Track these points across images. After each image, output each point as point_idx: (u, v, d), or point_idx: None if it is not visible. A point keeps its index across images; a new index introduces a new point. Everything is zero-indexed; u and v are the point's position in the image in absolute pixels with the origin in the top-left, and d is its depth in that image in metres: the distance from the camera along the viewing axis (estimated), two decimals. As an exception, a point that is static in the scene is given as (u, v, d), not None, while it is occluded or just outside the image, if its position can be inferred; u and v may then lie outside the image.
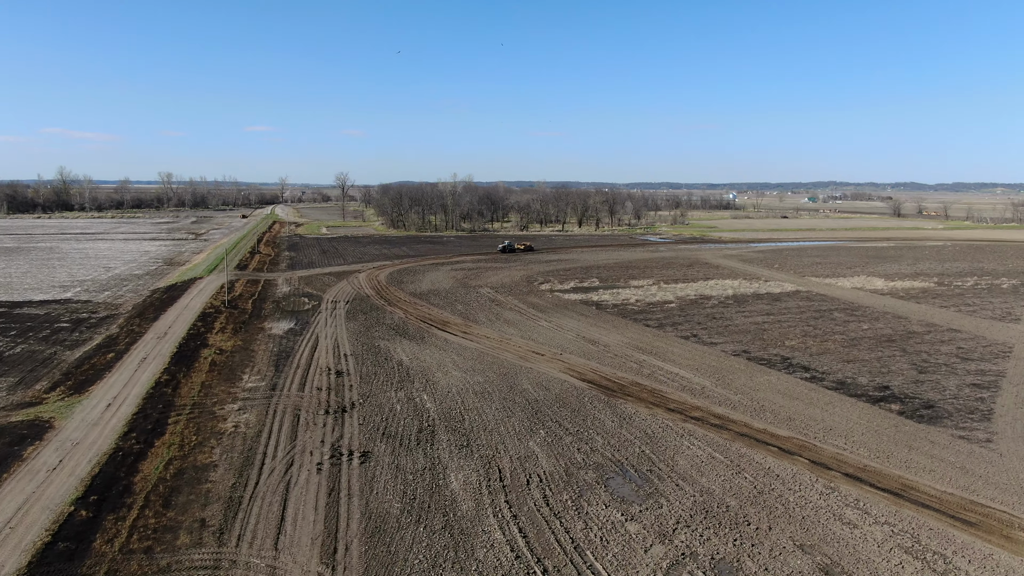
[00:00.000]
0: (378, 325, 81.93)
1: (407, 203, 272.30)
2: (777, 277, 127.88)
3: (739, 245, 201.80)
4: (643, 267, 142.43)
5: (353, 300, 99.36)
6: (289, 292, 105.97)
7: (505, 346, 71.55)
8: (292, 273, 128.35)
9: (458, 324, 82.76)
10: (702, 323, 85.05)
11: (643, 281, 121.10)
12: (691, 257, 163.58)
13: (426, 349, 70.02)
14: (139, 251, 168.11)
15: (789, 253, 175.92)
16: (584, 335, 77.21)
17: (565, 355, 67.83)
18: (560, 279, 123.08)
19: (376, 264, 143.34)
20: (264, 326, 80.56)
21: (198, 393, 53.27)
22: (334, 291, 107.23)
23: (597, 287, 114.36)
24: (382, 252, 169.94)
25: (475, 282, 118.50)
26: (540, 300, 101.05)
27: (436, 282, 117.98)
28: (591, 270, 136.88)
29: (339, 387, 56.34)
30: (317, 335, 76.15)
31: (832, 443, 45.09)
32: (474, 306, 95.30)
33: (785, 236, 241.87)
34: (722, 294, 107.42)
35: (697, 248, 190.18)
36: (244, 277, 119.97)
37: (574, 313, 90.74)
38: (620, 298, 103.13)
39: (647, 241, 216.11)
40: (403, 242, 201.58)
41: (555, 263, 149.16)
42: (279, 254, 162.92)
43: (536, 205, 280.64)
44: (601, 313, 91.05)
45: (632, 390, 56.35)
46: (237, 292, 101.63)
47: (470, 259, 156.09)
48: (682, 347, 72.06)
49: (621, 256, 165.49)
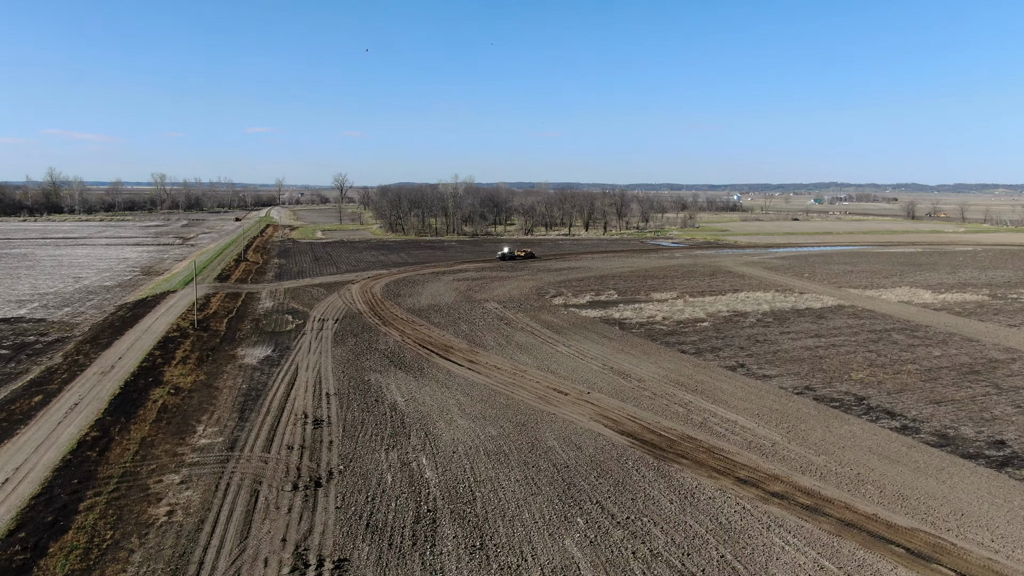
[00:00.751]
0: (370, 351, 70.27)
1: (406, 206, 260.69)
2: (812, 288, 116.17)
3: (758, 251, 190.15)
4: (662, 276, 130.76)
5: (343, 318, 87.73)
6: (272, 308, 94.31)
7: (520, 380, 59.87)
8: (279, 284, 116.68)
9: (463, 350, 71.11)
10: (745, 348, 73.38)
11: (666, 294, 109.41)
12: (711, 265, 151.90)
13: (426, 385, 58.34)
14: (118, 258, 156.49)
15: (815, 260, 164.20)
16: (612, 365, 65.52)
17: (593, 394, 56.15)
18: (574, 291, 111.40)
19: (372, 273, 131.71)
20: (237, 353, 68.87)
21: (133, 457, 41.58)
22: (323, 307, 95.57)
23: (616, 301, 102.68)
24: (379, 259, 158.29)
25: (480, 295, 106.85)
26: (554, 318, 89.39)
27: (437, 295, 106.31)
28: (606, 280, 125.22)
29: (315, 444, 44.66)
30: (297, 365, 64.49)
31: (974, 538, 33.42)
32: (480, 326, 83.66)
33: (803, 240, 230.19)
34: (757, 310, 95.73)
35: (715, 254, 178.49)
36: (224, 290, 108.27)
37: (595, 335, 79.05)
38: (644, 315, 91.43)
39: (660, 246, 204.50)
40: (401, 247, 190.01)
41: (566, 272, 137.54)
42: (268, 262, 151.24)
43: (541, 207, 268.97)
44: (626, 335, 79.38)
45: (685, 447, 44.67)
46: (212, 309, 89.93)
47: (473, 267, 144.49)
48: (731, 381, 60.36)
49: (636, 263, 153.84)
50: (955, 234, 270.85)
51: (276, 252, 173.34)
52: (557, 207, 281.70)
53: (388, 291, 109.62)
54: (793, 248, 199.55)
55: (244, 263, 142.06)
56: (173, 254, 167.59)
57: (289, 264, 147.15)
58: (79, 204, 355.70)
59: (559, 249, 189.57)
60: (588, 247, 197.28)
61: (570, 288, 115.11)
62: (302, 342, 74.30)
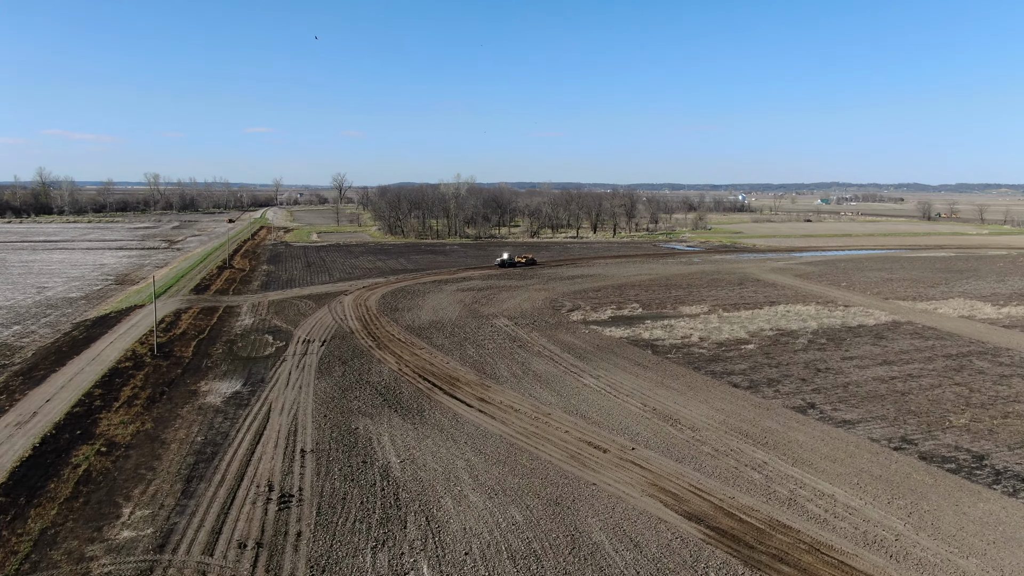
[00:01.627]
0: (360, 385, 58.56)
1: (406, 207, 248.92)
2: (857, 300, 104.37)
3: (781, 255, 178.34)
4: (687, 286, 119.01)
5: (332, 339, 76.06)
6: (252, 326, 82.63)
7: (545, 429, 48.18)
8: (263, 296, 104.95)
9: (471, 383, 59.38)
10: (807, 379, 61.63)
11: (696, 307, 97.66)
12: (736, 271, 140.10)
13: (427, 436, 46.64)
14: (94, 264, 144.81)
15: (845, 265, 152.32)
16: (654, 405, 53.80)
17: (640, 450, 44.43)
18: (592, 304, 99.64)
19: (368, 282, 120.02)
20: (199, 388, 57.17)
21: (19, 567, 29.82)
22: (310, 324, 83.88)
23: (642, 316, 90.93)
24: (376, 266, 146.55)
25: (487, 309, 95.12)
26: (575, 338, 77.67)
27: (439, 309, 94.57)
28: (626, 291, 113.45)
29: (277, 539, 32.94)
30: (270, 405, 52.81)
31: None
32: (490, 349, 71.93)
33: (823, 244, 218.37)
34: (805, 328, 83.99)
35: (736, 259, 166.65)
36: (199, 304, 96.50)
37: (626, 361, 67.31)
38: (678, 334, 79.70)
39: (674, 250, 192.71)
40: (401, 251, 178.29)
41: (579, 280, 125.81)
42: (255, 268, 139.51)
43: (546, 208, 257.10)
44: (662, 361, 67.64)
45: (780, 544, 32.92)
46: (180, 328, 78.17)
47: (478, 274, 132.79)
48: (806, 430, 48.63)
49: (654, 270, 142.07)
50: (979, 236, 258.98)
51: (266, 257, 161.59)
52: (563, 208, 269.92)
53: (385, 304, 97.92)
54: (817, 252, 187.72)
55: (228, 271, 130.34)
56: (156, 259, 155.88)
57: (278, 272, 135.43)
58: (68, 205, 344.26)
59: (568, 253, 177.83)
60: (599, 251, 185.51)
61: (587, 300, 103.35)
62: (280, 372, 62.58)
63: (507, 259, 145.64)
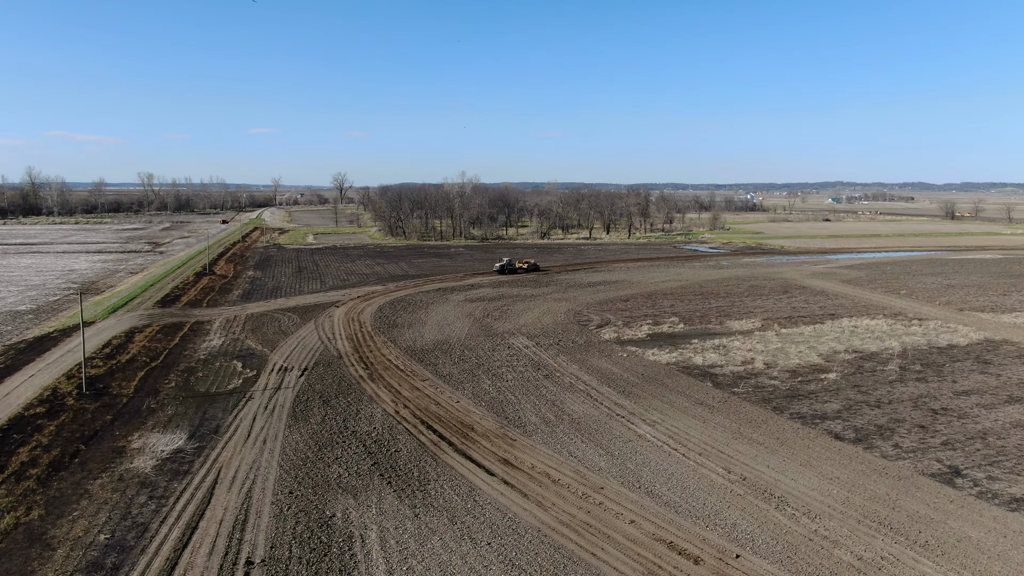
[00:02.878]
0: (343, 438, 44.47)
1: (408, 206, 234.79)
2: (929, 312, 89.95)
3: (815, 258, 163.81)
4: (725, 294, 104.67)
5: (315, 366, 61.99)
6: (219, 349, 68.57)
7: (599, 517, 33.97)
8: (242, 308, 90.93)
9: (490, 434, 45.22)
10: (927, 426, 47.31)
11: (745, 321, 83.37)
12: (774, 277, 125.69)
13: (433, 532, 32.50)
14: (63, 270, 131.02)
15: (892, 270, 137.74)
16: (740, 470, 39.57)
17: (746, 558, 30.21)
18: (624, 317, 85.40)
19: (364, 291, 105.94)
20: (128, 445, 43.11)
21: None
22: (290, 346, 69.82)
23: (686, 334, 76.66)
24: (374, 271, 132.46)
25: (501, 324, 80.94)
26: (612, 364, 63.47)
27: (445, 325, 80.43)
28: (658, 300, 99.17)
29: None
30: (218, 474, 38.73)
31: None
32: (510, 381, 57.77)
33: (854, 245, 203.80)
34: (885, 348, 69.65)
35: (767, 262, 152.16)
36: (161, 320, 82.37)
37: (683, 398, 53.07)
38: (736, 358, 65.41)
39: (697, 252, 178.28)
40: (402, 254, 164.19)
41: (602, 288, 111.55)
42: (239, 275, 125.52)
43: (557, 208, 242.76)
44: (729, 398, 53.37)
45: None
46: (128, 354, 63.98)
47: (487, 280, 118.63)
48: (972, 517, 34.34)
49: (682, 275, 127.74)
50: (1014, 236, 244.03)
51: (254, 262, 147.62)
52: (573, 208, 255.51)
53: (381, 319, 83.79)
54: (853, 254, 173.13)
55: (208, 278, 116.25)
56: (132, 264, 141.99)
57: (265, 278, 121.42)
58: (58, 206, 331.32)
59: (584, 256, 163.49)
60: (616, 253, 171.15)
61: (616, 313, 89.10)
62: (243, 416, 48.49)
63: (507, 264, 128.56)
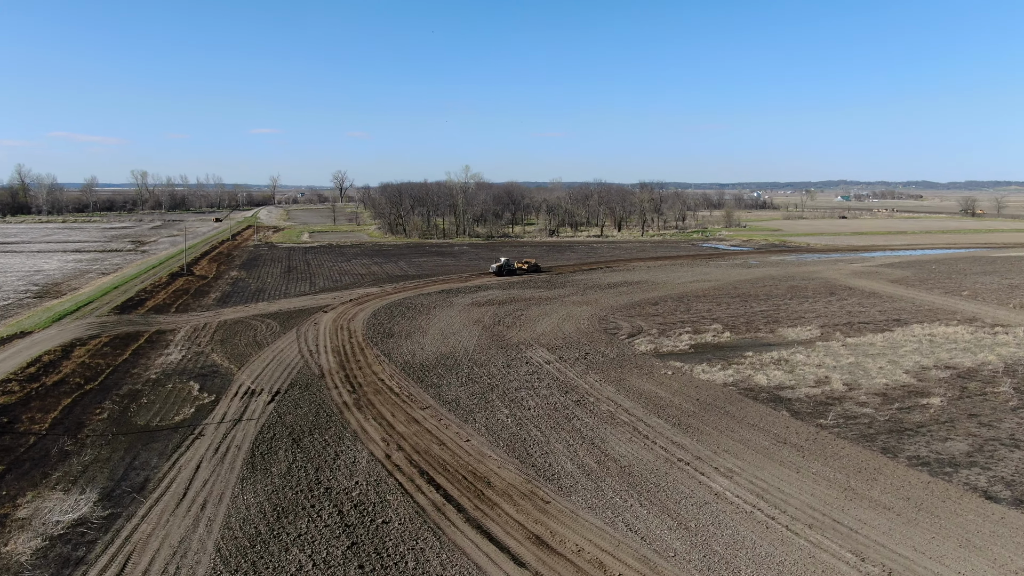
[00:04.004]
0: (312, 502, 32.49)
1: (408, 203, 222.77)
2: (1007, 318, 77.74)
3: (848, 256, 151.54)
4: (765, 296, 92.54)
5: (290, 388, 50.04)
6: (176, 366, 56.66)
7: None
8: (215, 314, 79.07)
9: (514, 492, 33.19)
10: (1098, 478, 35.16)
11: (801, 329, 71.24)
12: (813, 276, 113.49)
13: None
14: (29, 270, 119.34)
15: (939, 268, 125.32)
16: (878, 556, 27.48)
17: None
18: (657, 324, 73.33)
19: (358, 293, 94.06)
20: (12, 513, 31.20)
21: None
22: (263, 361, 57.89)
23: (735, 345, 64.56)
24: (370, 271, 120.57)
25: (516, 333, 68.92)
26: (657, 386, 51.42)
27: (449, 334, 68.41)
28: (691, 304, 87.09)
29: None
30: (125, 563, 26.75)
31: None
32: (533, 410, 45.76)
33: (885, 242, 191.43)
34: (981, 362, 57.48)
35: (798, 260, 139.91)
36: (115, 329, 70.39)
37: (761, 435, 40.96)
38: (806, 376, 53.29)
39: (719, 250, 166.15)
40: (401, 253, 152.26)
41: (624, 289, 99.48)
42: (221, 276, 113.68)
43: (565, 204, 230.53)
44: (818, 433, 41.27)
45: None
46: (60, 373, 51.95)
47: (495, 281, 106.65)
48: None
49: (709, 274, 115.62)
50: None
51: (240, 262, 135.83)
52: (582, 204, 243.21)
53: (375, 326, 71.83)
54: (888, 252, 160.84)
55: (184, 279, 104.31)
56: (107, 264, 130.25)
57: (248, 279, 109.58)
58: (47, 204, 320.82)
59: (598, 255, 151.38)
60: (632, 251, 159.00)
61: (647, 318, 77.01)
62: (183, 465, 36.56)
63: (504, 264, 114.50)
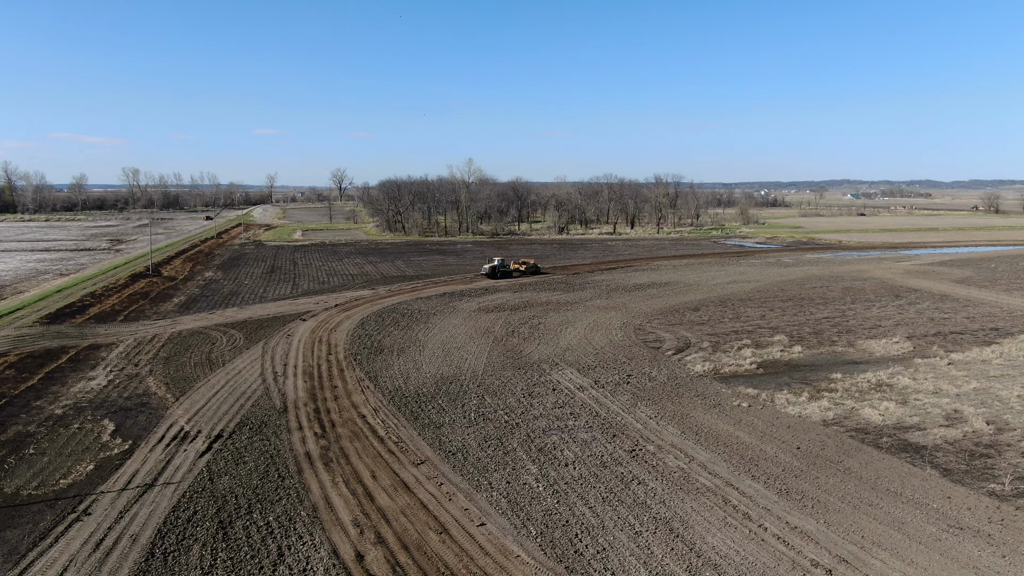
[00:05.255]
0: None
1: (408, 199, 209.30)
2: None
3: (890, 253, 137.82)
4: (821, 299, 78.96)
5: (235, 433, 36.57)
6: (94, 397, 43.20)
7: None
8: (172, 323, 65.64)
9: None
10: None
11: (886, 341, 57.64)
12: (864, 276, 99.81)
13: None
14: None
15: (998, 267, 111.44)
16: None
17: None
18: (706, 335, 59.74)
19: (346, 297, 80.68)
20: None
21: None
22: (211, 388, 44.42)
23: (812, 363, 50.97)
24: (363, 271, 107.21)
25: (535, 348, 55.39)
26: (732, 425, 37.91)
27: (453, 350, 54.86)
28: (737, 308, 73.51)
29: None
30: None
31: None
32: (572, 468, 32.24)
33: (922, 239, 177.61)
34: None
35: (836, 259, 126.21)
36: (34, 344, 56.89)
37: (918, 513, 27.40)
38: (927, 409, 39.72)
39: (744, 248, 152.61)
40: (399, 251, 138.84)
41: (654, 291, 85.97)
42: (192, 277, 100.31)
43: (576, 199, 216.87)
44: (999, 508, 27.70)
45: None
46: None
47: (505, 283, 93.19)
48: None
49: (746, 274, 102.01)
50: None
51: (220, 261, 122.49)
52: (592, 200, 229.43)
53: (361, 339, 58.34)
54: (932, 250, 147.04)
55: (146, 281, 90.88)
56: (71, 264, 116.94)
57: (224, 281, 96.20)
58: (32, 203, 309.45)
59: (614, 253, 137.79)
60: (650, 249, 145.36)
61: (693, 327, 63.44)
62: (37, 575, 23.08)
63: (499, 265, 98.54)
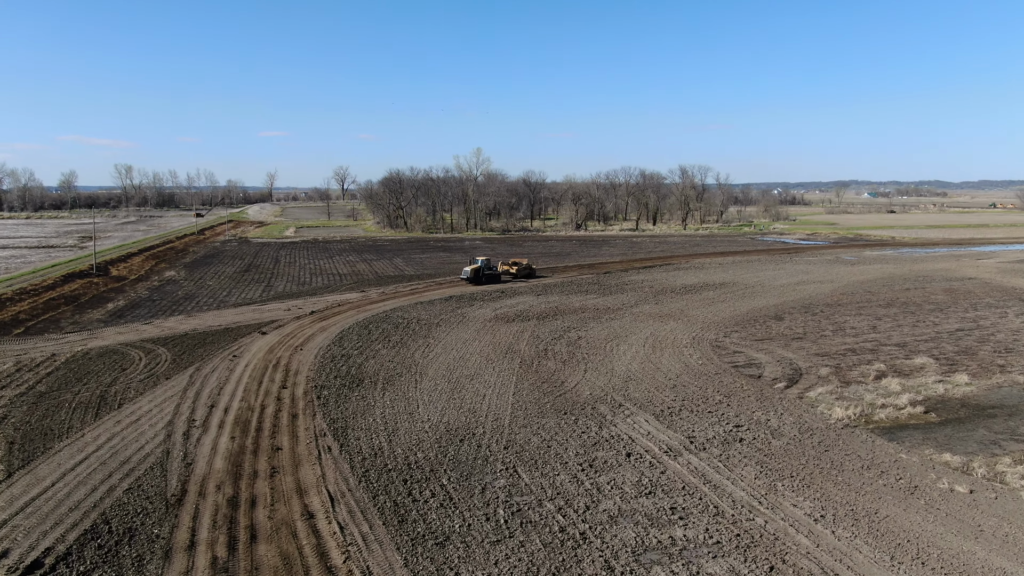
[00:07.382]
0: None
1: (410, 194, 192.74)
2: None
3: (959, 250, 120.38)
4: (929, 304, 61.66)
5: (64, 560, 19.66)
6: None
7: None
8: (87, 337, 48.91)
9: None
10: None
11: (1080, 368, 40.33)
12: (953, 275, 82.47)
13: None
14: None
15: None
16: None
17: None
18: (816, 356, 42.59)
19: (328, 300, 63.87)
20: None
21: None
22: (74, 454, 27.54)
23: (1000, 403, 33.78)
24: (355, 269, 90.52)
25: (583, 378, 38.38)
26: (963, 537, 20.68)
27: (463, 380, 37.86)
28: (831, 315, 56.29)
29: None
30: None
31: None
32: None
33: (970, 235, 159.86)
34: None
35: (903, 256, 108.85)
36: None
37: None
38: None
39: (787, 245, 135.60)
40: (399, 249, 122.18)
41: (711, 293, 68.84)
42: (147, 277, 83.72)
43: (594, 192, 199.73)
44: None
45: None
46: None
47: (524, 286, 76.26)
48: None
49: (811, 273, 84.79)
50: None
51: (190, 259, 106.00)
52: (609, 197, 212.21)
53: (334, 363, 41.45)
54: (1001, 247, 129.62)
55: (84, 281, 74.17)
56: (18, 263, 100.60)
57: (184, 282, 79.60)
58: (18, 201, 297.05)
59: (644, 251, 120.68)
60: (685, 247, 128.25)
61: (788, 343, 46.32)
62: None
63: (483, 267, 78.56)
